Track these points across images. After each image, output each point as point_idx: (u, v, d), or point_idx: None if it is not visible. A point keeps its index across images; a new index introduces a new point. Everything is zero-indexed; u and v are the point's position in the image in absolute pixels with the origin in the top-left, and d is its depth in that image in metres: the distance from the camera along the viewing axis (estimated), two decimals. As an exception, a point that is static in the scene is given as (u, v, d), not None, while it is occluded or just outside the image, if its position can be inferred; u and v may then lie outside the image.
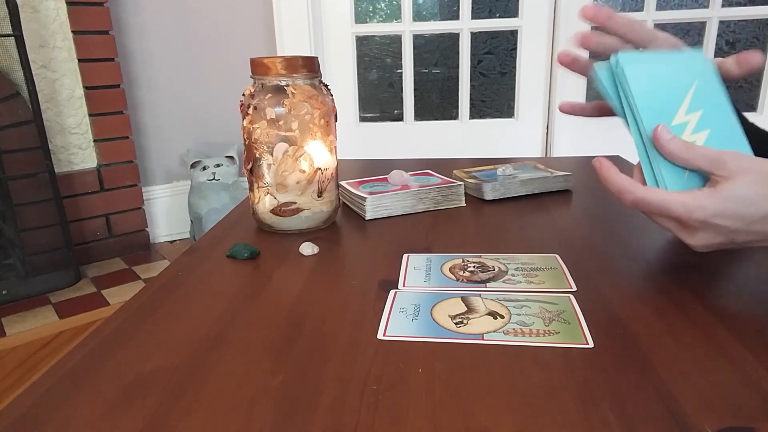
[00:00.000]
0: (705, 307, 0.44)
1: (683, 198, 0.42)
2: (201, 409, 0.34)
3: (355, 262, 0.58)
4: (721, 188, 0.42)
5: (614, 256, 0.56)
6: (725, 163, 0.42)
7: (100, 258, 1.84)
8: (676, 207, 0.43)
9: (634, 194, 0.44)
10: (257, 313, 0.47)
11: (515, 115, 2.07)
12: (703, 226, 0.43)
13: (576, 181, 0.86)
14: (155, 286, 0.53)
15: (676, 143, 0.45)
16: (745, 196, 0.41)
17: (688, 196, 0.42)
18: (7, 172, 1.51)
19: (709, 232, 0.43)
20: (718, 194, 0.41)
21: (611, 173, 0.46)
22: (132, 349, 0.41)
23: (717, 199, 0.41)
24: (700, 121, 0.47)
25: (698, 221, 0.43)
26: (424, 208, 0.74)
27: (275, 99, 0.63)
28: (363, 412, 0.33)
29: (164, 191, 2.05)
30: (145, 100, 1.96)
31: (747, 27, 1.94)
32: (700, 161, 0.43)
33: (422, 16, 2.07)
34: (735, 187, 0.41)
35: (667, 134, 0.45)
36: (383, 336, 0.42)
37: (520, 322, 0.43)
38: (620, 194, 0.46)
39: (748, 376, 0.35)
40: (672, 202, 0.43)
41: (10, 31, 1.44)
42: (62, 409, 0.35)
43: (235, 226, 0.71)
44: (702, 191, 0.42)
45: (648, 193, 0.44)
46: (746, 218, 0.41)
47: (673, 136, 0.45)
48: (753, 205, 0.41)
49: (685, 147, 0.44)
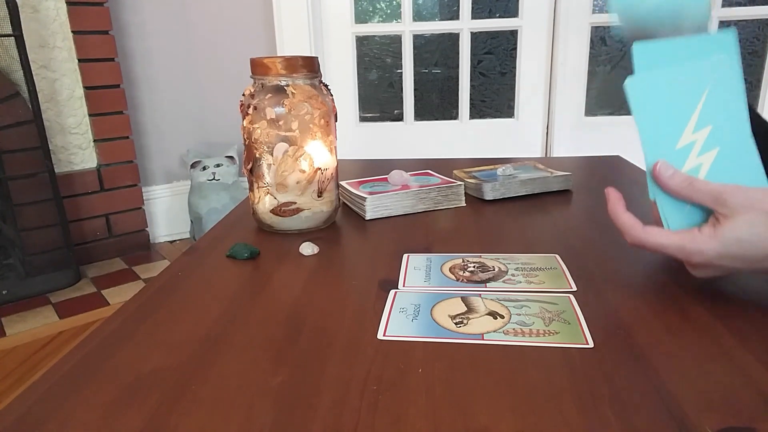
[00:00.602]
0: (705, 307, 0.44)
1: (681, 242, 0.42)
2: (201, 409, 0.34)
3: (355, 262, 0.58)
4: (721, 230, 0.41)
5: (614, 256, 0.56)
6: (726, 201, 0.41)
7: (100, 258, 1.84)
8: (674, 252, 0.43)
9: (631, 236, 0.45)
10: (257, 313, 0.47)
11: (515, 115, 2.07)
12: (702, 266, 0.43)
13: (576, 181, 0.86)
14: (155, 286, 0.53)
15: (677, 180, 0.44)
16: (745, 239, 0.40)
17: (686, 240, 0.42)
18: (7, 172, 1.51)
19: (709, 270, 0.43)
20: (718, 238, 0.41)
21: (617, 210, 0.46)
22: (132, 349, 0.41)
23: (716, 244, 0.41)
24: (708, 140, 0.45)
25: (698, 264, 0.43)
26: (424, 208, 0.74)
27: (275, 99, 0.63)
28: (363, 412, 0.33)
29: (164, 191, 2.05)
30: (145, 100, 1.96)
31: (747, 27, 1.94)
32: (702, 198, 0.43)
33: (422, 16, 2.07)
34: (735, 229, 0.40)
35: (667, 170, 0.44)
36: (383, 336, 0.42)
37: (520, 322, 0.43)
38: (622, 233, 0.46)
39: (748, 376, 0.35)
40: (669, 247, 0.43)
41: (10, 31, 1.44)
42: (62, 409, 0.35)
43: (235, 226, 0.71)
44: (702, 233, 0.42)
45: (646, 236, 0.44)
46: (747, 259, 0.41)
47: (674, 171, 0.44)
48: (754, 247, 0.40)
49: (686, 183, 0.44)
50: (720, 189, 0.42)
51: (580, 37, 1.93)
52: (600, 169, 0.96)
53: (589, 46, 1.94)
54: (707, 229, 0.42)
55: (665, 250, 0.43)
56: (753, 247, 0.40)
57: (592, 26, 1.92)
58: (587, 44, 1.94)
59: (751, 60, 1.95)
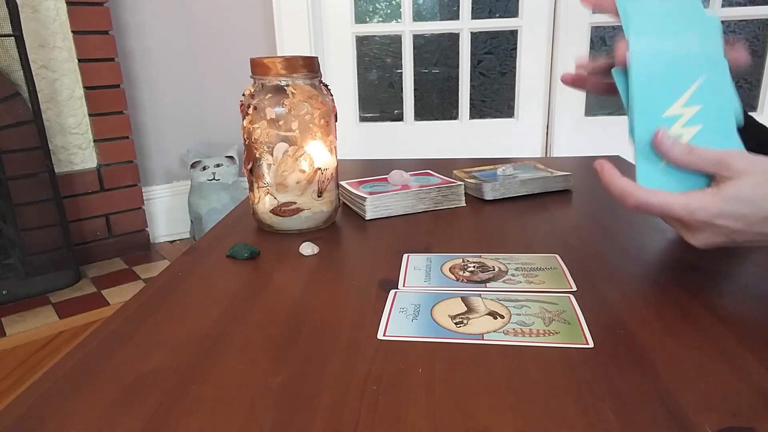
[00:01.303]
0: (705, 307, 0.44)
1: (685, 200, 0.42)
2: (201, 409, 0.34)
3: (355, 262, 0.58)
4: (725, 189, 0.41)
5: (614, 256, 0.56)
6: (729, 164, 0.42)
7: (100, 258, 1.84)
8: (678, 209, 0.43)
9: (635, 197, 0.44)
10: (257, 313, 0.47)
11: (515, 115, 2.07)
12: (704, 226, 0.43)
13: (576, 181, 0.86)
14: (155, 286, 0.53)
15: (678, 149, 0.44)
16: (748, 198, 0.41)
17: (690, 198, 0.42)
18: (7, 172, 1.51)
19: (710, 232, 0.43)
20: (721, 195, 0.41)
21: (613, 176, 0.46)
22: (132, 349, 0.41)
23: (719, 200, 0.41)
24: (694, 117, 0.46)
25: (700, 221, 0.42)
26: (424, 208, 0.74)
27: (275, 99, 0.63)
28: (363, 412, 0.33)
29: (164, 191, 2.05)
30: (145, 100, 1.96)
31: (747, 27, 1.94)
32: (703, 164, 0.43)
33: (422, 16, 2.07)
34: (738, 188, 0.41)
35: (668, 140, 0.44)
36: (383, 336, 0.42)
37: (520, 322, 0.43)
38: (622, 198, 0.45)
39: (748, 376, 0.35)
40: (674, 204, 0.43)
41: (10, 31, 1.44)
42: (62, 409, 0.35)
43: (235, 226, 0.71)
44: (705, 192, 0.42)
45: (649, 196, 0.44)
46: (748, 219, 0.41)
47: (674, 141, 0.44)
48: (755, 207, 0.41)
49: (687, 151, 0.44)
50: (723, 153, 0.42)
51: (580, 37, 1.93)
52: (600, 169, 0.95)
53: (589, 46, 1.94)
54: (710, 189, 0.42)
55: (669, 207, 0.43)
56: (754, 207, 0.41)
57: (592, 26, 1.92)
58: (587, 44, 1.94)
59: (751, 60, 1.95)
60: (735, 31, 1.95)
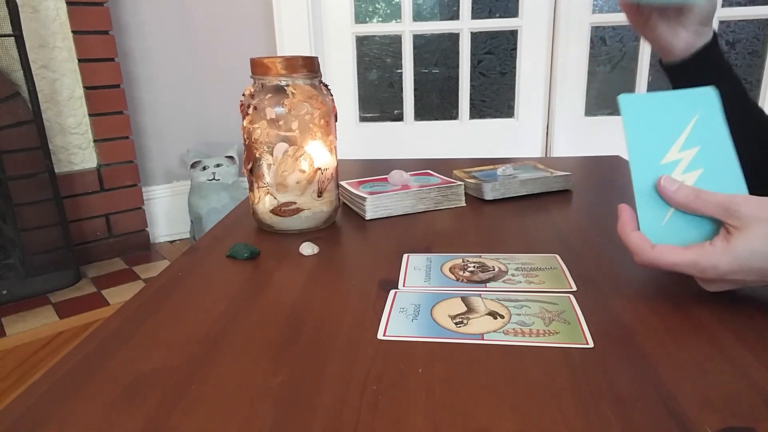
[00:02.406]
0: (705, 307, 0.44)
1: (694, 258, 0.41)
2: (201, 409, 0.34)
3: (355, 262, 0.58)
4: (735, 243, 0.40)
5: (614, 256, 0.56)
6: (736, 212, 0.40)
7: (100, 258, 1.84)
8: (687, 269, 0.42)
9: (641, 257, 0.44)
10: (257, 313, 0.47)
11: (515, 115, 2.07)
12: (716, 280, 0.42)
13: (576, 181, 0.86)
14: (155, 286, 0.53)
15: (684, 193, 0.43)
16: (759, 251, 0.39)
17: (699, 256, 0.41)
18: (7, 172, 1.51)
19: (722, 284, 0.43)
20: (731, 251, 0.40)
21: (627, 230, 0.45)
22: (132, 349, 0.41)
23: (730, 258, 0.40)
24: (694, 160, 0.45)
25: (711, 279, 0.42)
26: (424, 208, 0.74)
27: (275, 99, 0.63)
28: (363, 412, 0.33)
29: (164, 191, 2.05)
30: (145, 100, 1.96)
31: (747, 27, 1.94)
32: (711, 210, 0.42)
33: (422, 16, 2.07)
34: (749, 242, 0.39)
35: (672, 185, 0.44)
36: (383, 336, 0.42)
37: (520, 322, 0.43)
38: (632, 253, 0.45)
39: (748, 376, 0.35)
40: (681, 265, 0.42)
41: (10, 31, 1.44)
42: (62, 409, 0.35)
43: (235, 226, 0.71)
44: (714, 247, 0.41)
45: (658, 257, 0.43)
46: (760, 272, 0.40)
47: (679, 185, 0.44)
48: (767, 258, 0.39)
49: (693, 196, 0.43)
50: (729, 199, 0.41)
51: (580, 37, 1.93)
52: (600, 169, 0.96)
53: (589, 46, 1.94)
54: (719, 242, 0.41)
55: (677, 268, 0.42)
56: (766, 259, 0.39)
57: (592, 26, 1.92)
58: (587, 44, 1.94)
59: (751, 60, 1.95)
60: (735, 31, 1.95)
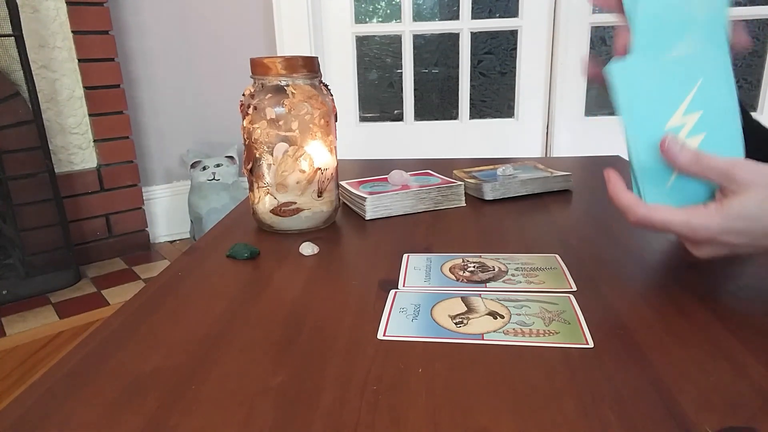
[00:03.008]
0: (705, 307, 0.44)
1: (687, 217, 0.41)
2: (201, 409, 0.34)
3: (355, 262, 0.58)
4: (729, 205, 0.40)
5: (614, 256, 0.56)
6: (735, 176, 0.40)
7: (100, 258, 1.84)
8: (679, 227, 0.42)
9: (635, 214, 0.43)
10: (257, 313, 0.47)
11: (515, 115, 2.07)
12: (707, 241, 0.42)
13: (576, 181, 0.86)
14: (155, 286, 0.53)
15: (687, 155, 0.43)
16: (752, 215, 0.40)
17: (692, 215, 0.41)
18: (7, 172, 1.51)
19: (713, 247, 0.43)
20: (724, 212, 0.40)
21: (618, 190, 0.45)
22: (132, 349, 0.41)
23: (722, 218, 0.40)
24: (697, 124, 0.45)
25: (703, 239, 0.42)
26: (424, 208, 0.74)
27: (275, 99, 0.63)
28: (363, 412, 0.33)
29: (164, 191, 2.05)
30: (145, 100, 1.96)
31: (747, 27, 1.94)
32: (711, 174, 0.42)
33: (422, 16, 2.07)
34: (743, 205, 0.40)
35: (676, 145, 0.43)
36: (383, 336, 0.42)
37: (520, 322, 0.43)
38: (624, 212, 0.45)
39: (748, 376, 0.35)
40: (674, 222, 0.42)
41: (10, 31, 1.44)
42: (62, 409, 0.35)
43: (235, 226, 0.71)
44: (707, 208, 0.41)
45: (651, 213, 0.43)
46: (751, 234, 0.40)
47: (682, 146, 0.43)
48: (759, 222, 0.40)
49: (695, 159, 0.43)
50: (729, 165, 0.41)
51: (580, 37, 1.93)
52: (600, 169, 0.96)
53: (589, 46, 1.94)
54: (713, 204, 0.41)
55: (670, 225, 0.42)
56: (758, 222, 0.40)
57: (592, 26, 1.92)
58: (587, 44, 1.94)
59: (751, 60, 1.96)
60: (735, 31, 1.95)
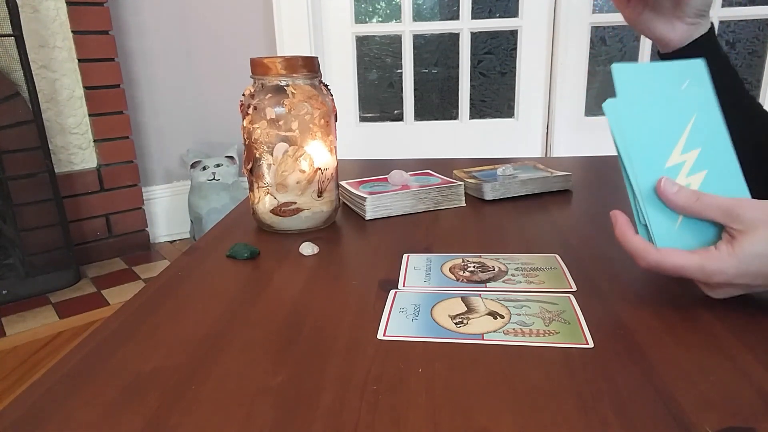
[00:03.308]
0: (705, 307, 0.44)
1: (700, 262, 0.41)
2: (201, 409, 0.34)
3: (355, 262, 0.58)
4: (740, 247, 0.39)
5: (614, 256, 0.56)
6: (739, 215, 0.40)
7: (100, 258, 1.84)
8: (694, 273, 0.41)
9: (646, 260, 0.43)
10: (257, 313, 0.47)
11: (515, 115, 2.07)
12: (723, 285, 0.42)
13: (576, 181, 0.86)
14: (155, 286, 0.53)
15: (684, 195, 0.43)
16: (764, 254, 0.39)
17: (706, 260, 0.40)
18: (7, 172, 1.51)
19: (730, 289, 0.42)
20: (737, 255, 0.39)
21: (626, 234, 0.44)
22: (132, 349, 0.41)
23: (736, 261, 0.39)
24: (697, 161, 0.45)
25: (719, 283, 0.42)
26: (424, 208, 0.74)
27: (275, 99, 0.63)
28: (363, 412, 0.33)
29: (164, 191, 2.05)
30: (145, 100, 1.96)
31: (747, 27, 1.94)
32: (712, 213, 0.42)
33: (422, 16, 2.07)
34: (753, 245, 0.39)
35: (672, 187, 0.43)
36: (383, 336, 0.42)
37: (520, 322, 0.43)
38: (634, 258, 0.44)
39: (748, 376, 0.35)
40: (688, 268, 0.41)
41: (10, 31, 1.44)
42: (62, 409, 0.35)
43: (235, 226, 0.71)
44: (720, 251, 0.40)
45: (662, 260, 0.42)
46: (766, 274, 0.40)
47: (679, 187, 0.43)
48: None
49: (694, 198, 0.42)
50: (731, 203, 0.41)
51: (580, 37, 1.93)
52: (600, 169, 0.96)
53: (589, 46, 1.94)
54: (724, 246, 0.40)
55: (683, 271, 0.41)
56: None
57: (592, 26, 1.92)
58: (587, 44, 1.94)
59: (751, 60, 1.95)
60: (735, 31, 1.95)
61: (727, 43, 1.96)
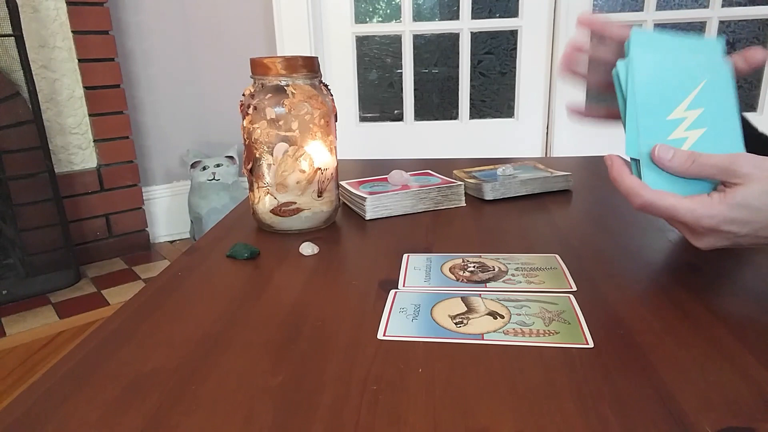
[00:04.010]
0: (705, 307, 0.44)
1: (692, 205, 0.42)
2: (201, 409, 0.34)
3: (355, 262, 0.58)
4: (732, 195, 0.41)
5: (614, 256, 0.56)
6: (735, 170, 0.41)
7: (100, 258, 1.84)
8: (685, 213, 0.42)
9: (642, 198, 0.44)
10: (257, 313, 0.47)
11: (515, 115, 2.07)
12: (710, 231, 0.43)
13: (576, 181, 0.86)
14: (155, 286, 0.53)
15: (679, 160, 0.44)
16: (754, 206, 0.40)
17: (697, 203, 0.42)
18: (7, 172, 1.51)
19: (715, 237, 0.43)
20: (728, 202, 0.41)
21: (622, 174, 0.45)
22: (132, 349, 0.41)
23: (726, 207, 0.41)
24: (697, 119, 0.46)
25: (706, 228, 0.42)
26: (424, 208, 0.74)
27: (275, 99, 0.63)
28: (363, 412, 0.33)
29: (164, 191, 2.05)
30: (145, 100, 1.96)
31: (747, 27, 1.94)
32: (709, 172, 0.43)
33: (422, 16, 2.07)
34: (745, 195, 0.40)
35: (667, 153, 0.44)
36: (383, 336, 0.42)
37: (520, 322, 0.43)
38: (628, 196, 0.45)
39: (748, 376, 0.35)
40: (680, 208, 0.42)
41: (10, 31, 1.44)
42: (62, 409, 0.35)
43: (235, 226, 0.71)
44: (711, 198, 0.42)
45: (656, 199, 0.43)
46: (754, 225, 0.41)
47: (674, 152, 0.44)
48: (760, 213, 0.40)
49: (690, 161, 0.43)
50: (727, 159, 0.42)
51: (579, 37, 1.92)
52: (600, 169, 0.96)
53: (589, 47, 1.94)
54: (716, 194, 0.42)
55: (676, 212, 0.43)
56: (760, 213, 0.40)
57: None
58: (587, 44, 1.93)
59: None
60: (735, 31, 1.95)
61: (727, 43, 1.96)
